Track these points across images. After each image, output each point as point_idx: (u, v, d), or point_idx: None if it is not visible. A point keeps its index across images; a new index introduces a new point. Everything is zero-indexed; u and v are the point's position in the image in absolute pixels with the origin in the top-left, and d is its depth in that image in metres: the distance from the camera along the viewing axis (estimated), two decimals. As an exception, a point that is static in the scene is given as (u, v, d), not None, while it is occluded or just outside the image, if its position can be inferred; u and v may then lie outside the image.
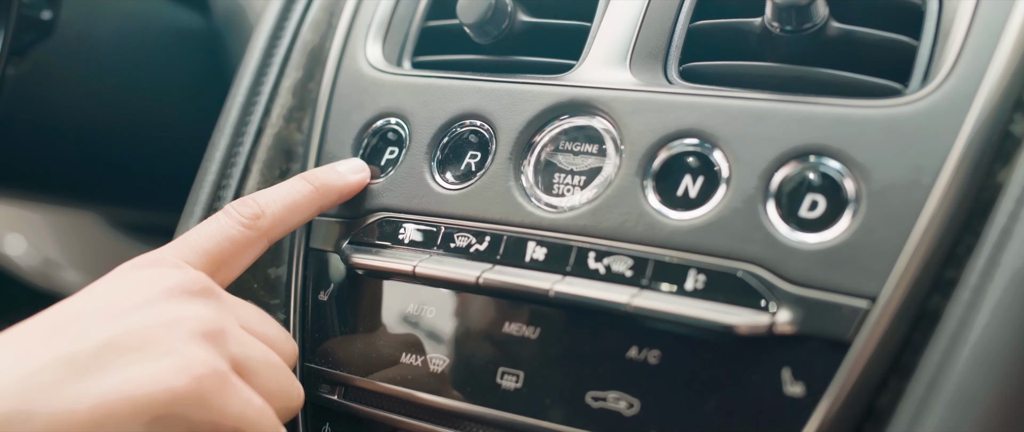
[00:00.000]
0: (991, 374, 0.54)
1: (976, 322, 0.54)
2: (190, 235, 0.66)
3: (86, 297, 0.59)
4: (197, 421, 0.55)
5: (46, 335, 0.54)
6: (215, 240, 0.66)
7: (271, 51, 0.83)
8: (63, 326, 0.55)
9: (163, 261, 0.64)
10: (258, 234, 0.67)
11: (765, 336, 0.58)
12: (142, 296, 0.58)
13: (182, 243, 0.66)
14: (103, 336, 0.54)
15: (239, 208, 0.67)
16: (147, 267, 0.63)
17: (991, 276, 0.55)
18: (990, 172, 0.58)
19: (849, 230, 0.58)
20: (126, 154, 1.02)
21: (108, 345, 0.54)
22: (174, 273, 0.61)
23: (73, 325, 0.55)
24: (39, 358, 0.52)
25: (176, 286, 0.60)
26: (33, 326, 0.56)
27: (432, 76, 0.75)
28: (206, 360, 0.56)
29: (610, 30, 0.72)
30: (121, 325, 0.55)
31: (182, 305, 0.59)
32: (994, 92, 0.58)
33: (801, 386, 0.57)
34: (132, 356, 0.54)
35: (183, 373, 0.54)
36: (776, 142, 0.61)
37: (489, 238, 0.68)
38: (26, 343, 0.54)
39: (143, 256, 0.65)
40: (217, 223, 0.67)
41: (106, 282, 0.61)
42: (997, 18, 0.60)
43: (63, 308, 0.58)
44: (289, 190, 0.70)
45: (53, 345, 0.53)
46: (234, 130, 0.80)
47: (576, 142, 0.68)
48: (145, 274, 0.61)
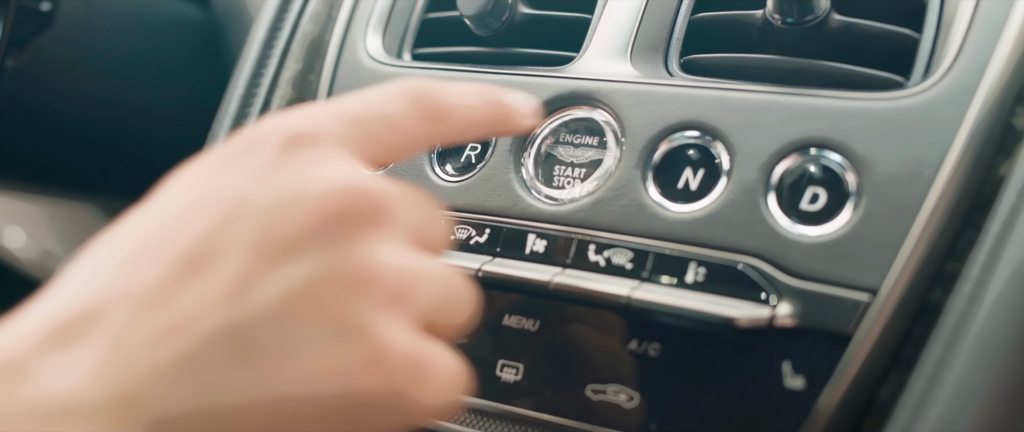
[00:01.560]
0: (992, 367, 0.54)
1: (977, 315, 0.54)
2: (363, 104, 0.50)
3: (221, 179, 0.44)
4: (386, 424, 0.44)
5: (186, 267, 0.41)
6: (393, 130, 0.49)
7: (271, 43, 0.83)
8: (207, 256, 0.41)
9: (320, 138, 0.46)
10: (433, 138, 0.52)
11: (765, 329, 0.58)
12: (308, 221, 0.42)
13: (352, 115, 0.48)
14: (270, 297, 0.41)
15: (423, 97, 0.51)
16: (302, 148, 0.46)
17: (992, 269, 0.55)
18: (992, 165, 0.58)
19: (850, 223, 0.58)
20: (125, 145, 1.02)
21: (281, 314, 0.41)
22: (344, 177, 0.45)
23: (222, 258, 0.41)
24: (190, 315, 0.40)
25: (351, 206, 0.43)
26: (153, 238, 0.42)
27: (432, 68, 0.75)
28: (400, 346, 0.43)
29: (611, 22, 0.71)
30: (290, 278, 0.41)
31: (361, 245, 0.43)
32: (996, 85, 0.58)
33: (802, 379, 0.57)
34: (308, 333, 0.41)
35: (376, 370, 0.42)
36: (777, 134, 0.61)
37: (489, 230, 0.67)
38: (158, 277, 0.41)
39: (295, 119, 0.47)
40: (397, 106, 0.50)
41: (246, 161, 0.45)
42: (999, 11, 0.60)
43: (190, 194, 0.44)
44: (470, 99, 0.53)
45: (200, 292, 0.40)
46: (234, 122, 0.80)
47: (576, 134, 0.68)
48: (309, 169, 0.45)
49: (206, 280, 0.41)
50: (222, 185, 0.44)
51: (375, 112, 0.49)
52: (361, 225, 0.43)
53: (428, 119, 0.51)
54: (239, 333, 0.40)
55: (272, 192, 0.43)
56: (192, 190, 0.45)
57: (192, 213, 0.43)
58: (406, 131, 0.50)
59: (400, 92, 0.50)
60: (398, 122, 0.50)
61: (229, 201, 0.43)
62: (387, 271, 0.43)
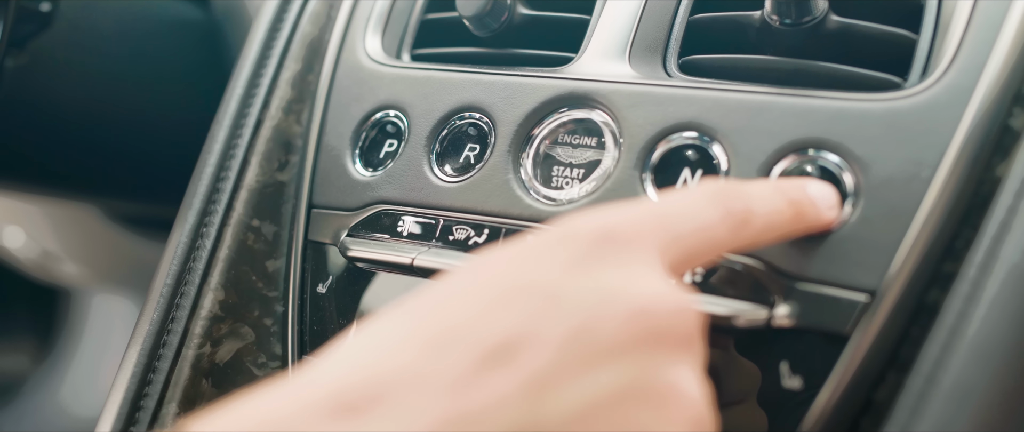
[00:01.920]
0: (989, 368, 0.54)
1: (974, 316, 0.54)
2: (673, 208, 0.48)
3: (533, 273, 0.43)
4: None
5: (487, 358, 0.40)
6: (699, 232, 0.48)
7: (270, 43, 0.83)
8: (511, 349, 0.40)
9: (633, 239, 0.45)
10: (734, 243, 0.50)
11: (763, 329, 0.58)
12: (622, 331, 0.41)
13: (663, 217, 0.47)
14: (572, 403, 0.39)
15: (729, 201, 0.49)
16: (622, 251, 0.44)
17: (989, 270, 0.55)
18: (989, 166, 0.58)
19: (848, 223, 0.58)
20: (125, 146, 1.02)
21: (580, 422, 0.39)
22: (660, 292, 0.44)
23: (526, 355, 0.40)
24: (483, 408, 0.39)
25: (666, 325, 0.42)
26: (455, 321, 0.41)
27: (431, 69, 0.75)
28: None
29: (609, 23, 0.71)
30: (595, 386, 0.40)
31: (673, 370, 0.42)
32: (993, 86, 0.58)
33: (799, 379, 0.57)
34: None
35: None
36: (775, 135, 0.61)
37: (488, 231, 0.68)
38: (458, 366, 0.40)
39: (606, 218, 0.46)
40: (706, 212, 0.49)
41: (558, 257, 0.43)
42: (996, 12, 0.60)
43: (499, 279, 0.43)
44: (773, 203, 0.52)
45: (497, 387, 0.39)
46: (233, 122, 0.80)
47: (575, 135, 0.68)
48: (621, 274, 0.43)
49: (508, 373, 0.39)
50: (533, 274, 0.43)
51: (686, 215, 0.48)
52: (674, 346, 0.43)
53: (733, 226, 0.49)
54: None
55: (586, 291, 0.42)
56: (500, 275, 0.43)
57: (500, 299, 0.42)
58: (713, 237, 0.49)
59: (709, 196, 0.49)
60: (706, 227, 0.48)
61: (541, 292, 0.42)
62: (694, 398, 0.43)
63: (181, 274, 0.75)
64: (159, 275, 0.76)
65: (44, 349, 1.71)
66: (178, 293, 0.75)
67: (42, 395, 1.66)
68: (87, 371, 1.65)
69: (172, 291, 0.75)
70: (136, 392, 0.72)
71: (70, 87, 0.94)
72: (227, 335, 0.75)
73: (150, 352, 0.73)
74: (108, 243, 1.32)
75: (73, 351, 1.67)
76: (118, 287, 1.59)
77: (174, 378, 0.73)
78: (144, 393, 0.72)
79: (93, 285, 1.63)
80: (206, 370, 0.74)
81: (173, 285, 0.75)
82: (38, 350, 1.72)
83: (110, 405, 0.72)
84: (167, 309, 0.74)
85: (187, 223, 0.77)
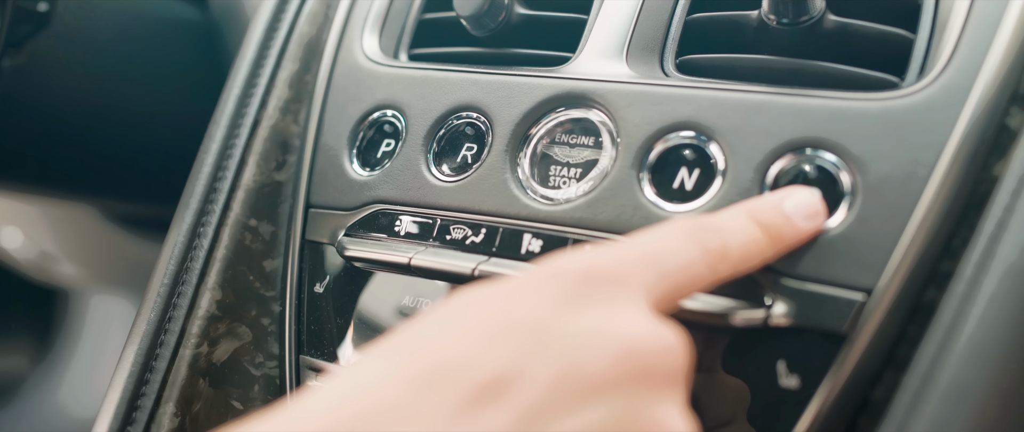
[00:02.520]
0: (986, 366, 0.54)
1: (971, 315, 0.54)
2: (655, 247, 0.49)
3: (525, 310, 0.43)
4: None
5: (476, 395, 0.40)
6: (682, 270, 0.49)
7: (267, 43, 0.83)
8: (500, 385, 0.40)
9: (628, 281, 0.46)
10: (712, 279, 0.51)
11: (761, 328, 0.58)
12: (610, 369, 0.42)
13: (647, 256, 0.48)
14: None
15: (706, 238, 0.51)
16: (611, 289, 0.45)
17: (986, 269, 0.55)
18: (986, 165, 0.58)
19: (845, 223, 0.58)
20: (122, 146, 1.02)
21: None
22: (650, 332, 0.44)
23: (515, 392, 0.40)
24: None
25: (655, 361, 0.43)
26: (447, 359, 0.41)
27: (428, 68, 0.75)
28: None
29: (607, 23, 0.71)
30: (583, 423, 0.41)
31: (659, 407, 0.43)
32: (990, 85, 0.58)
33: (796, 378, 0.57)
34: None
35: None
36: (772, 135, 0.61)
37: (485, 230, 0.68)
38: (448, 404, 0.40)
39: (595, 260, 0.47)
40: (686, 249, 0.50)
41: (549, 293, 0.44)
42: (993, 11, 0.60)
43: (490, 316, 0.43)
44: (747, 234, 0.53)
45: (487, 423, 0.40)
46: (230, 122, 0.80)
47: (572, 134, 0.68)
48: (611, 312, 0.44)
49: (498, 409, 0.40)
50: (522, 312, 0.43)
51: (669, 253, 0.49)
52: (661, 384, 0.44)
53: (712, 262, 0.50)
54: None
55: (575, 330, 0.43)
56: (489, 312, 0.44)
57: (490, 337, 0.42)
58: (694, 274, 0.50)
59: (687, 233, 0.50)
60: (689, 265, 0.49)
61: (530, 331, 0.42)
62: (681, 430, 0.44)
63: (178, 274, 0.75)
64: (156, 275, 0.76)
65: (42, 349, 1.71)
66: (175, 293, 0.75)
67: (40, 395, 1.66)
68: (84, 371, 1.65)
69: (169, 291, 0.75)
70: (133, 392, 0.72)
71: (67, 87, 0.94)
72: (224, 335, 0.75)
73: (147, 352, 0.73)
74: (106, 243, 1.32)
75: (71, 351, 1.67)
76: (116, 287, 1.59)
77: (171, 378, 0.72)
78: (141, 393, 0.72)
79: (91, 285, 1.63)
80: (203, 370, 0.74)
81: (170, 285, 0.75)
82: (36, 350, 1.72)
83: (107, 405, 0.72)
84: (164, 309, 0.74)
85: (184, 223, 0.76)
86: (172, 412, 0.72)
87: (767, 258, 0.55)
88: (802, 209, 0.57)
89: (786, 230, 0.56)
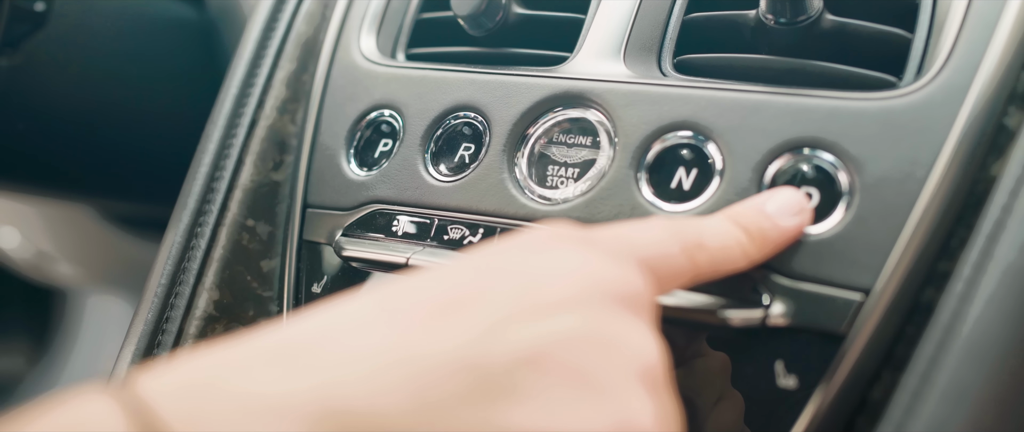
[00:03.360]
0: (984, 366, 0.54)
1: (969, 314, 0.54)
2: (628, 230, 0.50)
3: (492, 258, 0.45)
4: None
5: (435, 310, 0.41)
6: (655, 251, 0.50)
7: (265, 43, 0.83)
8: (461, 302, 0.41)
9: (599, 244, 0.47)
10: (690, 272, 0.51)
11: (758, 328, 0.58)
12: (572, 288, 0.43)
13: (619, 236, 0.49)
14: (521, 343, 0.40)
15: (682, 229, 0.52)
16: (579, 244, 0.47)
17: (984, 269, 0.55)
18: (984, 165, 0.58)
19: (843, 223, 0.58)
20: (120, 145, 1.02)
21: (528, 362, 0.40)
22: (615, 269, 0.46)
23: (476, 306, 0.41)
24: (432, 349, 0.40)
25: (618, 291, 0.44)
26: (409, 288, 0.43)
27: (426, 68, 0.75)
28: (649, 422, 0.42)
29: (604, 22, 0.71)
30: (545, 329, 0.41)
31: (623, 322, 0.44)
32: (988, 85, 0.58)
33: (794, 378, 0.57)
34: (557, 387, 0.40)
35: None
36: (770, 134, 0.61)
37: (482, 230, 0.67)
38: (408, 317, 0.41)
39: (570, 228, 0.49)
40: (659, 232, 0.51)
41: (519, 246, 0.46)
42: (991, 11, 0.60)
43: (458, 265, 0.44)
44: (727, 233, 0.54)
45: (447, 331, 0.40)
46: (228, 122, 0.80)
47: (570, 134, 0.68)
48: (577, 254, 0.46)
49: (456, 322, 0.41)
50: (488, 259, 0.45)
51: (649, 241, 0.50)
52: (624, 303, 0.44)
53: (689, 259, 0.51)
54: (480, 368, 0.39)
55: (539, 263, 0.45)
56: (459, 263, 0.45)
57: (452, 275, 0.44)
58: (673, 266, 0.50)
59: (667, 229, 0.51)
60: (668, 256, 0.50)
61: (495, 267, 0.44)
62: (644, 347, 0.44)
63: (175, 274, 0.75)
64: (153, 275, 0.76)
65: (39, 350, 1.71)
66: (172, 293, 0.74)
67: (37, 396, 1.66)
68: (82, 372, 1.65)
69: (166, 291, 0.74)
70: (130, 392, 0.72)
71: (64, 87, 0.94)
72: (222, 335, 0.75)
73: (144, 352, 0.73)
74: (103, 243, 1.32)
75: (68, 352, 1.67)
76: (113, 287, 1.59)
77: (168, 378, 0.72)
78: (138, 393, 0.72)
79: (88, 285, 1.63)
80: (201, 370, 0.73)
81: (167, 285, 0.75)
82: (33, 351, 1.72)
83: (104, 406, 0.72)
84: (161, 309, 0.74)
85: (181, 223, 0.76)
86: (169, 413, 0.72)
87: (752, 258, 0.55)
88: (785, 208, 0.57)
89: (769, 230, 0.57)
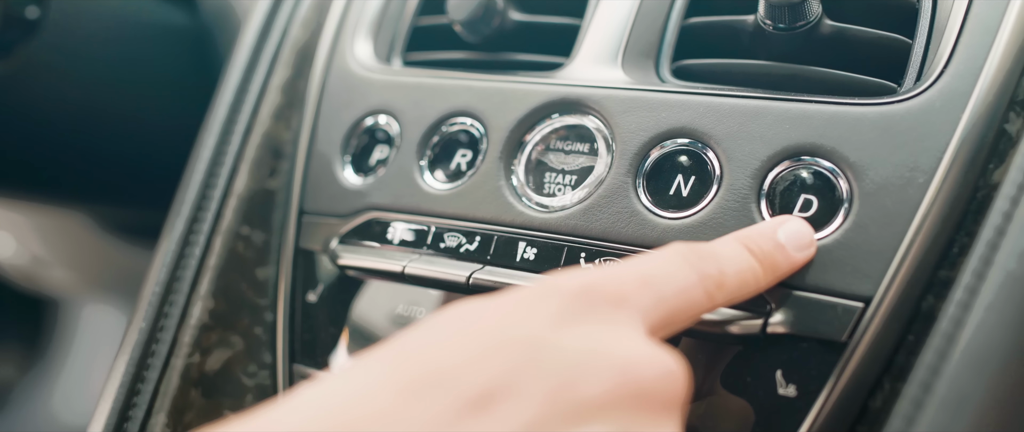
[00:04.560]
0: (985, 375, 0.53)
1: (970, 323, 0.54)
2: (653, 270, 0.48)
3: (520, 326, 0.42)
4: None
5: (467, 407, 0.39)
6: (679, 295, 0.48)
7: (260, 49, 0.82)
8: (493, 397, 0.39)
9: (629, 307, 0.45)
10: (708, 306, 0.50)
11: (759, 336, 0.57)
12: (608, 387, 0.41)
13: (645, 278, 0.47)
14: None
15: (704, 265, 0.50)
16: (610, 312, 0.45)
17: (985, 276, 0.54)
18: (984, 171, 0.57)
19: (842, 230, 0.57)
20: (113, 152, 1.01)
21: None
22: (649, 354, 0.43)
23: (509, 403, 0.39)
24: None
25: (653, 389, 0.42)
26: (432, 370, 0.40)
27: (422, 74, 0.74)
28: None
29: (602, 28, 0.71)
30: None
31: (657, 428, 0.42)
32: (989, 90, 0.57)
33: (795, 387, 0.57)
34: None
35: None
36: (769, 141, 0.61)
37: (479, 238, 0.67)
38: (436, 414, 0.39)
39: (596, 281, 0.46)
40: (683, 274, 0.49)
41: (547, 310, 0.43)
42: (991, 16, 0.59)
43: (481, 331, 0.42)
44: (743, 262, 0.53)
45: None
46: (223, 128, 0.80)
47: (567, 141, 0.68)
48: (610, 333, 0.43)
49: (490, 422, 0.38)
50: (517, 326, 0.42)
51: (666, 277, 0.48)
52: (659, 408, 0.42)
53: (708, 289, 0.49)
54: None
55: (572, 345, 0.42)
56: (483, 325, 0.42)
57: (483, 350, 0.41)
58: (691, 300, 0.48)
59: (683, 258, 0.49)
60: (686, 290, 0.48)
61: (525, 345, 0.41)
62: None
63: (169, 282, 0.74)
64: (147, 283, 0.75)
65: (32, 358, 1.70)
66: (167, 302, 0.74)
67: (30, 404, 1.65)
68: (75, 380, 1.64)
69: (160, 300, 0.74)
70: (124, 402, 0.71)
71: (58, 93, 0.93)
72: (216, 344, 0.74)
73: (139, 362, 0.72)
74: (97, 251, 1.32)
75: (62, 360, 1.67)
76: (107, 295, 1.58)
77: (162, 388, 0.72)
78: (132, 403, 0.71)
79: (82, 293, 1.62)
80: (195, 380, 0.73)
81: (161, 294, 0.74)
82: (26, 359, 1.71)
83: (98, 415, 0.71)
84: (155, 318, 0.73)
85: (176, 231, 0.76)
86: (164, 423, 0.71)
87: (761, 287, 0.54)
88: (795, 239, 0.57)
89: (779, 259, 0.56)
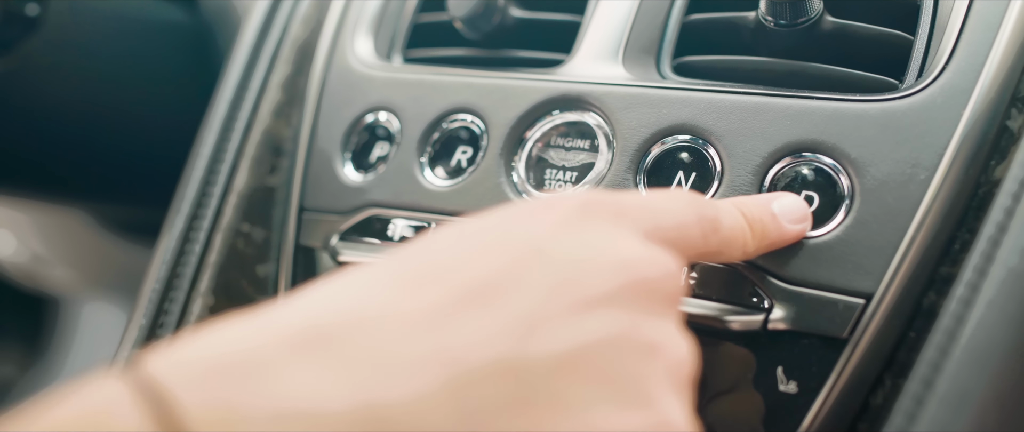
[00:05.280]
0: (986, 371, 0.53)
1: (971, 319, 0.54)
2: (654, 201, 0.48)
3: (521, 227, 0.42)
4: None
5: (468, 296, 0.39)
6: (677, 227, 0.48)
7: (260, 46, 0.82)
8: (495, 288, 0.39)
9: (629, 217, 0.45)
10: (701, 250, 0.50)
11: (759, 333, 0.57)
12: (609, 281, 0.41)
13: (647, 208, 0.47)
14: (561, 345, 0.39)
15: (702, 208, 0.50)
16: (611, 219, 0.45)
17: (986, 273, 0.54)
18: (986, 167, 0.57)
19: (844, 226, 0.57)
20: (114, 150, 1.01)
21: (569, 366, 0.38)
22: (648, 254, 0.44)
23: (511, 294, 0.39)
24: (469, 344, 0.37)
25: (653, 284, 0.43)
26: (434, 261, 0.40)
27: (423, 71, 0.74)
28: (684, 427, 0.42)
29: (602, 24, 0.71)
30: (584, 329, 0.39)
31: (659, 323, 0.42)
32: (990, 87, 0.57)
33: (795, 384, 0.57)
34: (598, 395, 0.39)
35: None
36: (770, 137, 0.60)
37: (480, 234, 0.67)
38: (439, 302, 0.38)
39: (598, 195, 0.46)
40: (683, 208, 0.49)
41: (550, 217, 0.43)
42: (993, 12, 0.59)
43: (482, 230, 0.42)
44: (736, 223, 0.52)
45: (482, 323, 0.38)
46: (223, 126, 0.80)
47: (568, 137, 0.67)
48: (611, 234, 0.44)
49: (492, 313, 0.38)
50: (518, 230, 0.43)
51: (667, 210, 0.48)
52: (660, 301, 0.43)
53: (704, 231, 0.49)
54: (520, 372, 0.37)
55: (573, 245, 0.42)
56: (484, 230, 0.43)
57: (484, 247, 0.41)
58: (688, 236, 0.48)
59: (685, 199, 0.50)
60: (684, 225, 0.48)
61: (527, 245, 0.41)
62: (679, 350, 0.43)
63: (170, 280, 0.74)
64: (147, 281, 0.75)
65: (32, 356, 1.70)
66: (166, 299, 0.74)
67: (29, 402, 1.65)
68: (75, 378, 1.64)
69: (160, 297, 0.74)
70: (124, 399, 0.71)
71: (59, 91, 0.93)
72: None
73: (138, 358, 0.72)
74: (97, 248, 1.31)
75: (62, 358, 1.66)
76: (107, 293, 1.58)
77: (163, 385, 0.72)
78: (132, 400, 0.71)
79: (82, 291, 1.62)
80: (195, 376, 0.73)
81: (162, 291, 0.74)
82: (26, 357, 1.71)
83: (98, 412, 0.71)
84: (155, 315, 0.73)
85: (176, 228, 0.76)
86: (163, 419, 0.71)
87: (748, 251, 0.54)
88: (789, 212, 0.57)
89: (771, 227, 0.56)
